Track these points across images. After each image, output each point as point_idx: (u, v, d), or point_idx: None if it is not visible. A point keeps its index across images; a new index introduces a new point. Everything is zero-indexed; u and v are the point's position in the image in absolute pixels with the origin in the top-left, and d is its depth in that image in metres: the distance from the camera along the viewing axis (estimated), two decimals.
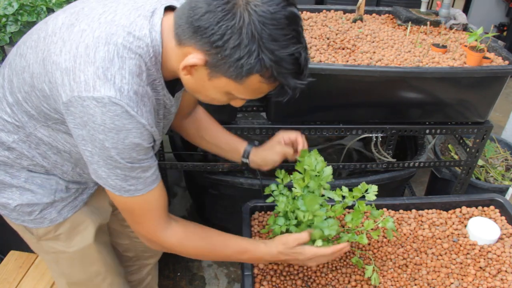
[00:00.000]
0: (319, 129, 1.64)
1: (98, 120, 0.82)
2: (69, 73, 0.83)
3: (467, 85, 1.59)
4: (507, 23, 3.88)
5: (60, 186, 1.08)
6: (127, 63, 0.83)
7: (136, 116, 0.84)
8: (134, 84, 0.84)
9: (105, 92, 0.81)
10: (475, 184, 2.02)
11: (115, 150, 0.85)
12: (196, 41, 0.82)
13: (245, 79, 0.84)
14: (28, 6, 1.38)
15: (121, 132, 0.83)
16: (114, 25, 0.86)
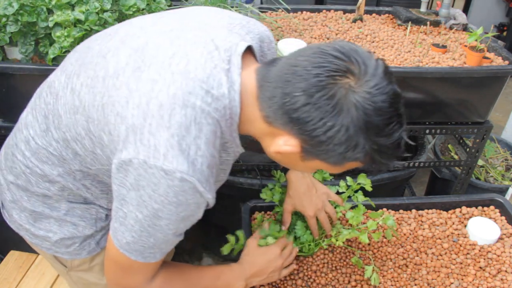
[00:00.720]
0: None
1: (160, 191, 0.74)
2: (136, 132, 0.75)
3: (467, 85, 1.59)
4: (507, 23, 3.87)
5: (100, 214, 1.01)
6: (204, 131, 0.75)
7: (203, 192, 0.77)
8: (208, 156, 0.76)
9: (177, 165, 0.72)
10: (475, 184, 2.02)
11: (167, 221, 0.78)
12: (292, 129, 0.75)
13: (342, 165, 0.79)
14: (28, 6, 1.38)
15: (181, 206, 0.76)
16: (190, 79, 0.75)
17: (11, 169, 0.98)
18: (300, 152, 0.78)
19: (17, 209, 1.00)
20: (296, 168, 0.89)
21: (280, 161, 0.87)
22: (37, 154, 0.92)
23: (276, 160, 0.88)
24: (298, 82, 0.72)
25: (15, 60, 1.50)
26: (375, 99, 0.72)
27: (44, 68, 1.43)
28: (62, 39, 1.36)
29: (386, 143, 0.75)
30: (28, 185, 0.96)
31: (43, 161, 0.92)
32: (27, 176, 0.95)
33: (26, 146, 0.93)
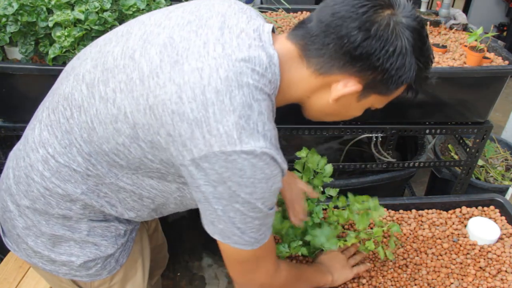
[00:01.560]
0: (319, 129, 1.64)
1: (247, 174, 0.74)
2: (201, 125, 0.73)
3: (467, 85, 1.59)
4: (507, 23, 3.88)
5: (119, 231, 1.00)
6: (263, 107, 0.77)
7: (280, 162, 0.78)
8: (272, 128, 0.79)
9: (255, 143, 0.73)
10: (475, 184, 2.02)
11: (262, 200, 0.78)
12: (352, 68, 0.79)
13: (395, 90, 0.85)
14: (28, 6, 1.38)
15: (270, 180, 0.77)
16: (235, 60, 0.76)
17: (27, 193, 0.92)
18: (360, 91, 0.82)
19: (33, 236, 0.96)
20: (346, 114, 0.91)
21: (333, 111, 0.89)
22: (59, 173, 0.87)
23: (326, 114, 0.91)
24: (350, 23, 0.76)
25: (15, 60, 1.50)
26: (416, 20, 0.80)
27: (44, 68, 1.43)
28: (62, 39, 1.36)
29: (427, 59, 0.84)
30: (47, 207, 0.91)
31: (65, 180, 0.88)
32: (46, 199, 0.91)
33: (45, 166, 0.88)
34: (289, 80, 0.84)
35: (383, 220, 1.37)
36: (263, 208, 0.80)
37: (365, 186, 1.79)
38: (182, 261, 2.17)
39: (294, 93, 0.87)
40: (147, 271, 1.16)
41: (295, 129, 1.63)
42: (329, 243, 1.11)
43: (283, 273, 0.97)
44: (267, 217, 0.83)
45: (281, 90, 0.84)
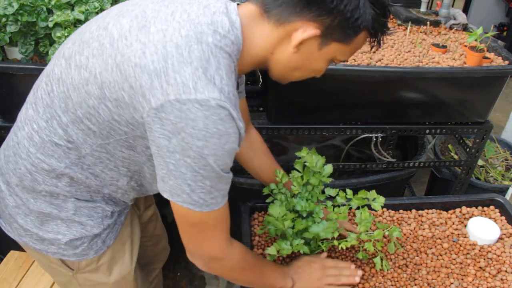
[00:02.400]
0: (319, 129, 1.64)
1: (199, 125, 0.76)
2: (160, 75, 0.77)
3: (467, 85, 1.59)
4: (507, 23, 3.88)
5: (106, 212, 1.03)
6: (222, 63, 0.80)
7: (236, 119, 0.80)
8: (230, 85, 0.80)
9: (209, 93, 0.76)
10: (475, 184, 2.02)
11: (214, 157, 0.79)
12: (310, 12, 0.82)
13: (354, 38, 0.87)
14: (28, 6, 1.38)
15: (223, 137, 0.79)
16: (197, 23, 0.81)
17: (15, 170, 0.96)
18: (319, 37, 0.85)
19: (22, 214, 0.99)
20: (310, 66, 0.92)
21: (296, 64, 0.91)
22: (43, 148, 0.92)
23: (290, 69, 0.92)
24: None
25: (15, 60, 1.50)
26: None
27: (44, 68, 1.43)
28: (62, 39, 1.36)
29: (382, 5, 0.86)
30: (34, 184, 0.95)
31: (49, 155, 0.92)
32: (33, 175, 0.95)
33: (30, 143, 0.93)
34: (252, 40, 0.87)
35: (383, 220, 1.37)
36: (215, 167, 0.81)
37: (365, 186, 1.78)
38: (182, 261, 2.17)
39: (258, 52, 0.89)
40: (135, 255, 1.17)
41: (295, 129, 1.63)
42: (324, 232, 1.11)
43: (236, 254, 0.98)
44: (220, 180, 0.84)
45: (245, 53, 0.87)
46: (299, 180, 1.21)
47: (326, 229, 1.11)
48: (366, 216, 1.16)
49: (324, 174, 1.20)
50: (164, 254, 1.52)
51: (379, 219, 1.37)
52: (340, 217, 1.15)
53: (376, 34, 0.89)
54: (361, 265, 1.22)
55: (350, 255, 1.25)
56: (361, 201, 1.17)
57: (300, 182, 1.20)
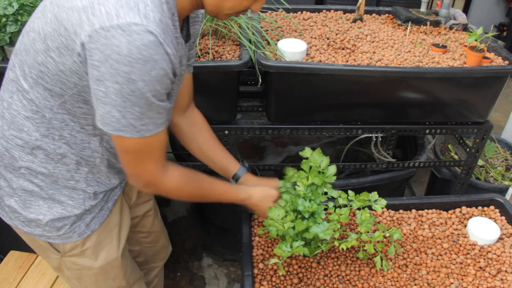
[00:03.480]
0: (319, 129, 1.64)
1: (123, 51, 0.78)
2: (87, 9, 0.80)
3: (467, 85, 1.59)
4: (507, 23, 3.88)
5: (88, 194, 1.06)
6: None
7: (163, 44, 0.81)
8: (157, 12, 0.82)
9: (131, 18, 0.78)
10: (475, 184, 2.02)
11: (142, 82, 0.81)
12: None
13: None
14: (28, 6, 1.38)
15: (148, 62, 0.80)
16: None
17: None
18: None
19: (7, 195, 1.04)
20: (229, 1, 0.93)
21: None
22: (14, 124, 0.97)
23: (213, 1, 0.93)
24: None
25: None
26: None
27: None
28: None
29: None
30: (13, 161, 1.00)
31: (20, 129, 0.97)
32: (10, 152, 1.00)
33: (3, 121, 0.99)
34: None
35: (383, 220, 1.37)
36: (145, 92, 0.82)
37: (365, 186, 1.79)
38: (182, 261, 2.17)
39: None
40: (123, 242, 1.19)
41: (295, 129, 1.63)
42: (323, 233, 1.11)
43: (173, 177, 1.02)
44: (150, 107, 0.86)
45: None
46: (305, 181, 1.21)
47: (326, 230, 1.12)
48: (367, 217, 1.16)
49: (328, 174, 1.20)
50: (164, 252, 1.52)
51: (379, 219, 1.37)
52: (341, 218, 1.16)
53: None
54: (361, 265, 1.22)
55: (350, 255, 1.25)
56: (363, 203, 1.18)
57: (305, 183, 1.20)
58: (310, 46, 1.64)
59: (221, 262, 2.18)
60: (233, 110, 1.63)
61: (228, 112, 1.61)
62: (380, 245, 1.19)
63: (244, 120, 1.67)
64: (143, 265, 1.49)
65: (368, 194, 1.19)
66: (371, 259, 1.24)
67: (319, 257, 1.24)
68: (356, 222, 1.19)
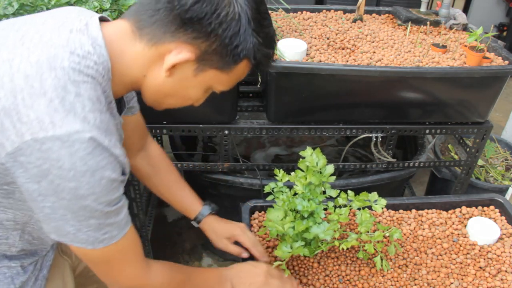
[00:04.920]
0: (319, 129, 1.64)
1: (66, 165, 0.67)
2: (11, 113, 0.67)
3: (467, 85, 1.59)
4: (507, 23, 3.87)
5: (15, 269, 0.90)
6: (82, 88, 0.70)
7: (109, 148, 0.72)
8: (96, 111, 0.71)
9: (70, 126, 0.67)
10: (475, 184, 2.02)
11: (92, 196, 0.72)
12: (186, 34, 0.75)
13: (234, 66, 0.80)
14: (28, 6, 1.38)
15: (96, 172, 0.70)
16: (50, 46, 0.71)
17: None
18: (193, 62, 0.78)
19: None
20: (185, 92, 0.84)
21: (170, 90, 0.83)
22: None
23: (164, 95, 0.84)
24: None
25: None
26: None
27: None
28: None
29: (267, 35, 0.81)
30: None
31: None
32: None
33: None
34: (122, 60, 0.79)
35: (383, 220, 1.37)
36: (97, 206, 0.73)
37: (365, 186, 1.79)
38: (182, 261, 2.17)
39: (131, 74, 0.80)
40: None
41: (295, 129, 1.63)
42: (324, 234, 1.11)
43: (158, 277, 0.91)
44: (108, 215, 0.76)
45: (117, 73, 0.79)
46: (303, 180, 1.21)
47: (327, 230, 1.12)
48: (367, 217, 1.16)
49: (325, 174, 1.20)
50: None
51: (379, 219, 1.37)
52: (341, 218, 1.15)
53: (258, 65, 0.82)
54: (361, 264, 1.22)
55: (350, 255, 1.25)
56: (363, 203, 1.17)
57: (303, 182, 1.20)
58: (310, 46, 1.64)
59: (221, 262, 2.18)
60: (233, 110, 1.63)
61: (228, 112, 1.61)
62: (380, 245, 1.19)
63: (244, 120, 1.67)
64: None
65: (368, 194, 1.19)
66: (371, 259, 1.24)
67: (319, 257, 1.24)
68: (356, 222, 1.19)
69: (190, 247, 2.25)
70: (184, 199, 1.21)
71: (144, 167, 1.17)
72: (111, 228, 0.78)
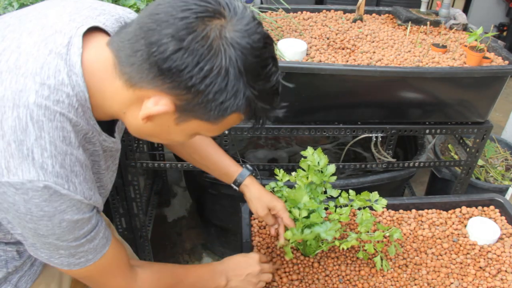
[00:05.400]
0: (319, 129, 1.64)
1: (21, 210, 0.66)
2: None
3: (467, 85, 1.59)
4: (507, 23, 3.88)
5: (10, 253, 0.89)
6: (46, 129, 0.66)
7: (69, 194, 0.68)
8: (58, 155, 0.67)
9: (23, 174, 0.64)
10: (475, 184, 2.02)
11: (53, 236, 0.70)
12: (163, 84, 0.67)
13: (223, 119, 0.72)
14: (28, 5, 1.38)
15: (55, 217, 0.68)
16: (21, 75, 0.66)
17: None
18: (174, 113, 0.70)
19: None
20: (168, 137, 0.77)
21: (151, 132, 0.77)
22: None
23: (146, 135, 0.78)
24: (164, 29, 0.64)
25: None
26: (250, 38, 0.67)
27: None
28: None
29: (265, 87, 0.71)
30: None
31: None
32: None
33: None
34: (102, 93, 0.73)
35: (383, 220, 1.37)
36: (61, 243, 0.72)
37: (365, 186, 1.79)
38: (182, 261, 2.17)
39: (110, 107, 0.75)
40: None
41: (295, 129, 1.63)
42: (325, 233, 1.12)
43: (145, 281, 0.91)
44: (78, 247, 0.75)
45: (97, 104, 0.73)
46: (304, 180, 1.21)
47: (329, 230, 1.12)
48: (367, 217, 1.16)
49: (326, 173, 1.20)
50: None
51: (379, 219, 1.37)
52: (342, 218, 1.16)
53: (255, 116, 0.75)
54: (361, 264, 1.23)
55: (350, 255, 1.25)
56: (364, 203, 1.18)
57: (305, 181, 1.20)
58: (310, 46, 1.64)
59: None
60: None
61: None
62: (380, 245, 1.19)
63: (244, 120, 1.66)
64: None
65: (368, 194, 1.19)
66: (371, 259, 1.24)
67: (319, 257, 1.24)
68: (356, 222, 1.19)
69: (190, 247, 2.26)
70: (221, 161, 1.17)
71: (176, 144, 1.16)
72: (85, 253, 0.77)
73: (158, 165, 1.76)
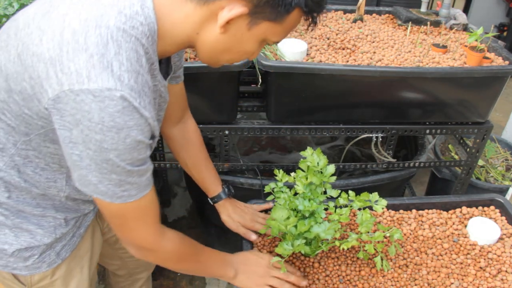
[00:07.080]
0: (319, 129, 1.64)
1: (95, 118, 0.71)
2: (55, 64, 0.72)
3: (467, 85, 1.59)
4: (507, 23, 3.88)
5: (58, 221, 0.97)
6: (124, 48, 0.73)
7: (139, 108, 0.74)
8: (133, 71, 0.74)
9: (103, 83, 0.70)
10: (475, 184, 2.02)
11: (115, 151, 0.75)
12: None
13: (287, 16, 0.81)
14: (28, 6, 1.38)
15: (122, 130, 0.73)
16: (101, 4, 0.75)
17: None
18: (248, 16, 0.79)
19: None
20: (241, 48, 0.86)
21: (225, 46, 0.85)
22: None
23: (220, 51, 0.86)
24: None
25: None
26: None
27: None
28: None
29: None
30: None
31: None
32: None
33: None
34: (172, 22, 0.81)
35: (383, 220, 1.37)
36: (119, 162, 0.76)
37: (365, 186, 1.78)
38: None
39: (182, 33, 0.83)
40: (95, 269, 1.14)
41: (295, 129, 1.63)
42: (325, 233, 1.12)
43: (168, 245, 0.96)
44: (129, 174, 0.79)
45: (165, 33, 0.81)
46: (303, 180, 1.21)
47: (328, 229, 1.12)
48: (367, 218, 1.16)
49: (326, 174, 1.20)
50: (147, 264, 1.46)
51: (380, 219, 1.37)
52: (341, 218, 1.15)
53: (311, 12, 0.83)
54: (362, 265, 1.23)
55: (351, 255, 1.25)
56: (364, 203, 1.17)
57: (304, 182, 1.20)
58: (310, 46, 1.64)
59: None
60: (233, 110, 1.63)
61: (228, 112, 1.61)
62: (381, 245, 1.19)
63: (244, 120, 1.67)
64: (126, 278, 1.45)
65: (368, 194, 1.19)
66: (372, 259, 1.24)
67: (320, 257, 1.24)
68: (357, 222, 1.19)
69: None
70: (206, 178, 1.30)
71: (178, 138, 1.23)
72: (131, 187, 0.81)
73: (158, 165, 1.76)
